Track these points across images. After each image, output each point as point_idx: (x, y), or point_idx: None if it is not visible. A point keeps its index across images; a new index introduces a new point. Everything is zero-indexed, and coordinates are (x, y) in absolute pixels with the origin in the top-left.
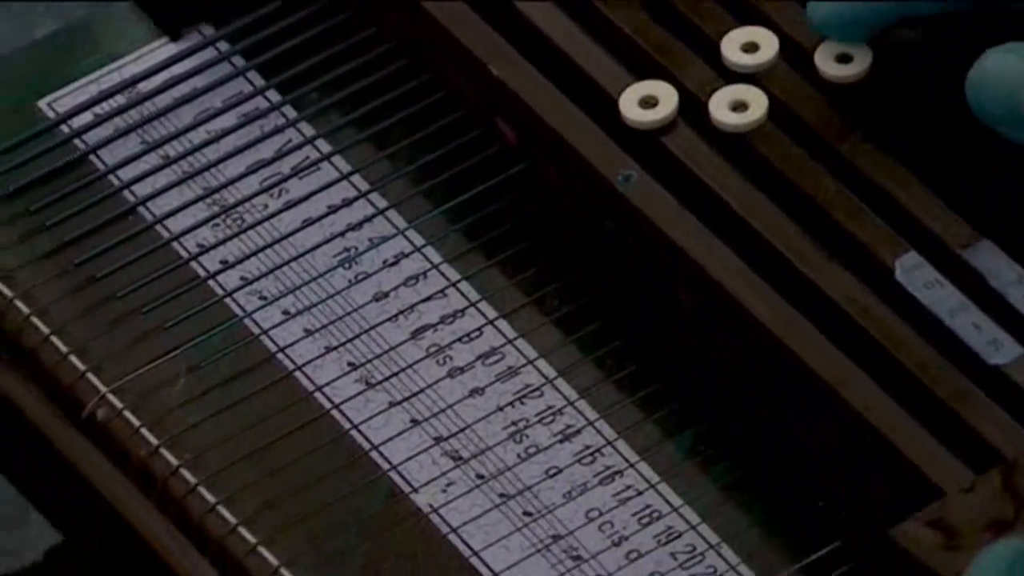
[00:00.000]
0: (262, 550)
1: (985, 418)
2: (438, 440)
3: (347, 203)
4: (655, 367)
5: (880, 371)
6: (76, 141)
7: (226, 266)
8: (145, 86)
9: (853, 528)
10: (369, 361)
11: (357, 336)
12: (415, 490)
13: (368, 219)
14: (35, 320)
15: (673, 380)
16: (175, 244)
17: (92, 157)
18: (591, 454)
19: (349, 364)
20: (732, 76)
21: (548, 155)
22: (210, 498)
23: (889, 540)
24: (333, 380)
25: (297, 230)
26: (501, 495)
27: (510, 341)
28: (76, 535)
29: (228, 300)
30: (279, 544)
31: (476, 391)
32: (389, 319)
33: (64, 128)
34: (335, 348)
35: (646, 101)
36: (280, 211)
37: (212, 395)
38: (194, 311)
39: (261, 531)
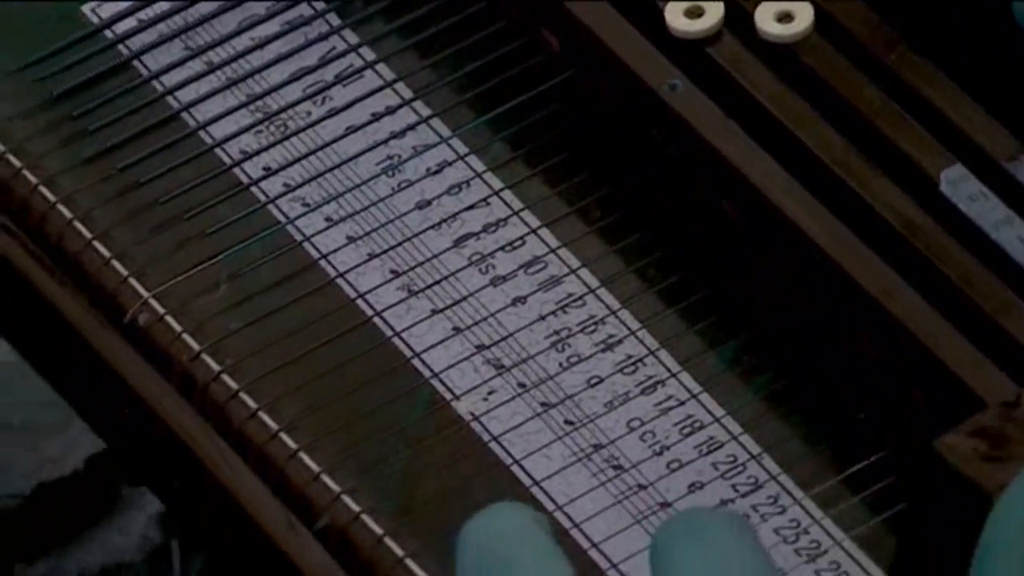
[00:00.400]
0: (302, 456)
1: None
2: (480, 348)
3: (390, 111)
4: (698, 278)
5: (924, 283)
6: (120, 47)
7: (269, 173)
8: None
9: (895, 440)
10: (411, 269)
11: (399, 244)
12: (456, 398)
13: (411, 127)
14: (77, 225)
15: (716, 291)
16: (218, 150)
17: (136, 63)
18: (633, 364)
19: (391, 272)
20: None
21: (593, 65)
22: (251, 404)
23: (931, 451)
24: (375, 287)
25: (340, 137)
26: (543, 404)
27: (553, 250)
28: (118, 442)
29: (270, 207)
30: (319, 451)
31: (518, 300)
32: (432, 227)
33: (108, 34)
34: (377, 255)
35: (692, 11)
36: (323, 118)
37: (254, 302)
38: (236, 218)
39: (301, 438)
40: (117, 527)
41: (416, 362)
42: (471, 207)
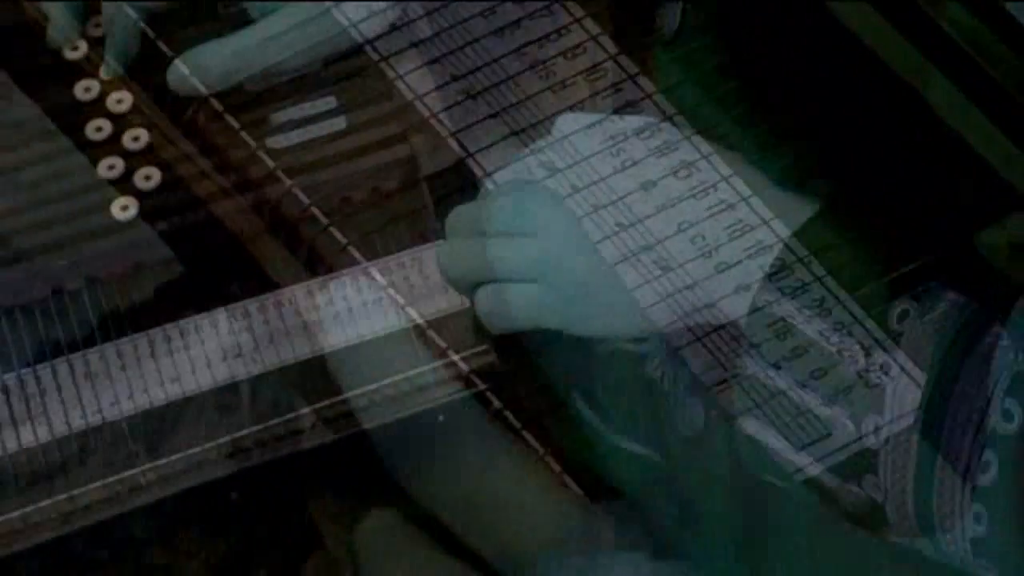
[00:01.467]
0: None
1: None
2: (534, 151)
3: None
4: (754, 85)
5: (990, 101)
6: None
7: None
8: None
9: (938, 239)
10: (471, 72)
11: (460, 48)
12: None
13: None
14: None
15: (770, 98)
16: None
17: None
18: (686, 168)
19: (451, 76)
20: None
21: None
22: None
23: (973, 247)
24: (434, 89)
25: None
26: (594, 206)
27: (612, 57)
28: None
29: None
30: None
31: (575, 105)
32: (493, 32)
33: None
34: (437, 60)
35: None
36: None
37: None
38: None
39: (349, 234)
40: None
41: (470, 162)
42: (532, 15)
